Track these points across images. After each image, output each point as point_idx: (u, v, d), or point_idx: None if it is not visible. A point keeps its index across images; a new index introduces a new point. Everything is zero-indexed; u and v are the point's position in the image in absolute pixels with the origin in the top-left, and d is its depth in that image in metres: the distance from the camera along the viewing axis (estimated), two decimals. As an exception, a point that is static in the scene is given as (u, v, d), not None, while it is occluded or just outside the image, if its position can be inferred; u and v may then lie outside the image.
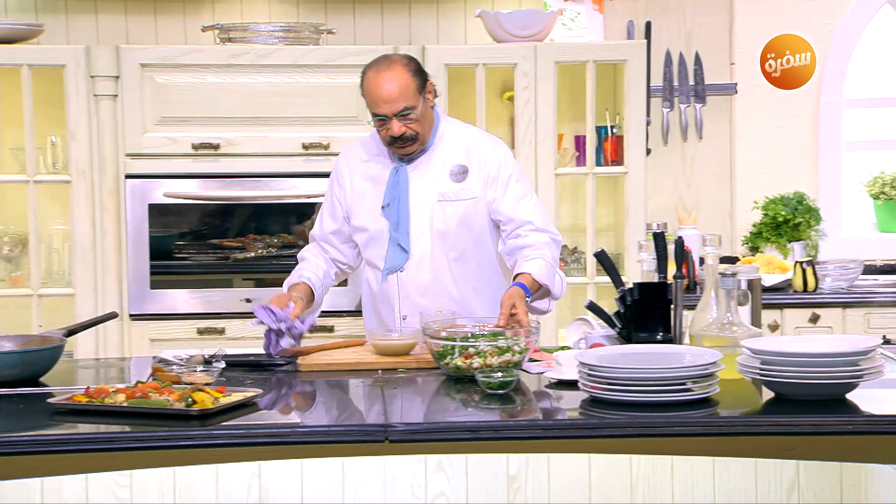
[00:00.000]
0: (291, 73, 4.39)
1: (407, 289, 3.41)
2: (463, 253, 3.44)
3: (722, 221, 5.09)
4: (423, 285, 3.41)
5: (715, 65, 5.04)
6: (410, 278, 3.41)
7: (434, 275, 3.41)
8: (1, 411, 2.65)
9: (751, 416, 2.51)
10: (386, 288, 3.44)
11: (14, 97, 4.39)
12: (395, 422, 2.48)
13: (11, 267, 4.59)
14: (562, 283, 3.38)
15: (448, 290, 3.43)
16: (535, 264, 3.28)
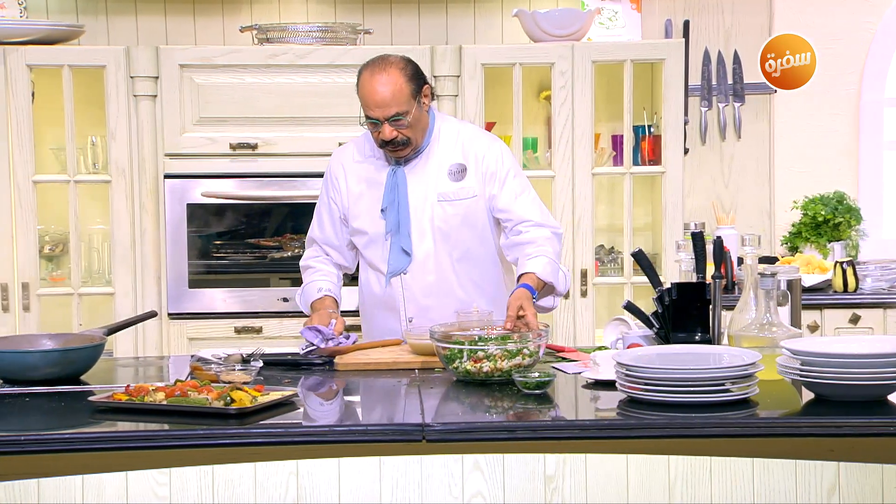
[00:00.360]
0: (329, 73, 4.41)
1: (412, 291, 3.39)
2: (466, 252, 3.42)
3: (760, 221, 5.05)
4: (428, 287, 3.39)
5: (754, 63, 5.00)
6: (415, 280, 3.39)
7: (438, 275, 3.40)
8: (42, 409, 2.67)
9: (791, 418, 2.50)
10: (389, 291, 3.41)
11: (55, 98, 4.44)
12: (432, 421, 2.48)
13: (52, 266, 4.63)
14: (565, 279, 3.35)
15: (453, 289, 3.42)
16: (539, 262, 3.25)
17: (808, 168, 5.06)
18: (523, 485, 2.61)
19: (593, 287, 4.56)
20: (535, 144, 4.76)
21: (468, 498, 2.65)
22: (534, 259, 3.27)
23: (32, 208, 4.36)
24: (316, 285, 3.43)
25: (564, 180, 4.51)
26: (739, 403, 2.52)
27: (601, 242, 4.86)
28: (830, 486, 2.62)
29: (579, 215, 4.51)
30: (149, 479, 2.60)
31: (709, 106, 5.03)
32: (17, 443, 2.39)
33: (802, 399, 2.61)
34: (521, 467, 2.64)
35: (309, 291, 3.45)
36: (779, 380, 2.68)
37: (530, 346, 2.83)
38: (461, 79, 4.45)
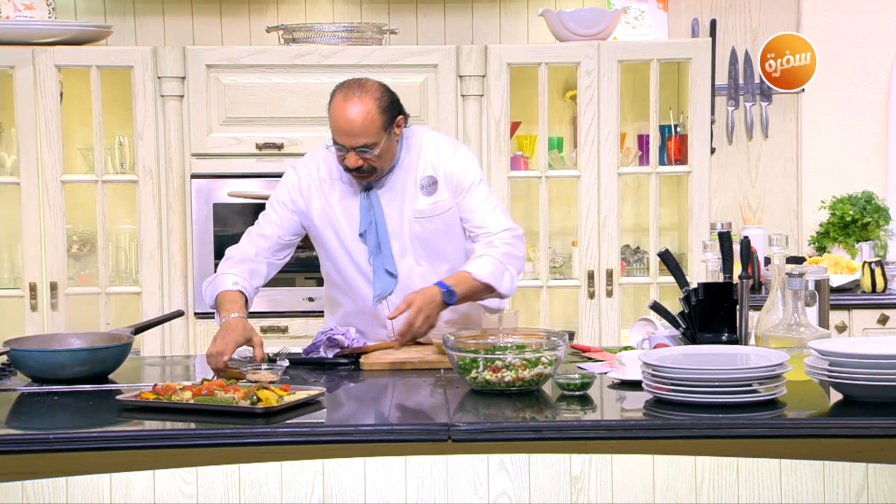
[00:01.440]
0: (354, 74, 4.35)
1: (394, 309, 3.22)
2: (451, 264, 3.31)
3: (788, 221, 5.02)
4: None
5: (781, 62, 4.98)
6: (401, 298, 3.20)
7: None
8: (70, 408, 2.69)
9: (819, 418, 2.48)
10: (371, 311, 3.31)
11: (83, 98, 4.47)
12: (457, 421, 2.48)
13: (80, 266, 4.66)
14: (511, 280, 3.23)
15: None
16: (481, 262, 3.18)
17: (836, 167, 5.03)
18: (549, 485, 2.61)
19: (619, 287, 4.55)
20: (560, 144, 4.75)
21: (494, 498, 2.65)
22: (477, 259, 3.21)
23: (60, 208, 4.39)
24: (231, 278, 3.21)
25: (590, 180, 4.50)
26: (767, 404, 2.51)
27: (627, 242, 4.84)
28: (859, 488, 2.61)
29: (605, 215, 4.50)
30: (176, 478, 2.62)
31: (735, 105, 5.00)
32: (46, 441, 2.40)
33: (830, 400, 2.60)
34: (547, 467, 2.64)
35: (221, 281, 3.20)
36: (807, 380, 2.67)
37: (548, 354, 2.74)
38: (487, 78, 4.44)
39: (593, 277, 4.53)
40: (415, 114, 4.37)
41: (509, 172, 4.51)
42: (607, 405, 2.69)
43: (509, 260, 3.23)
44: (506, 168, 4.49)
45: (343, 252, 3.30)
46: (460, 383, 2.84)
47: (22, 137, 4.37)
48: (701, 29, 4.94)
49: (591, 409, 2.62)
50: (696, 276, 4.31)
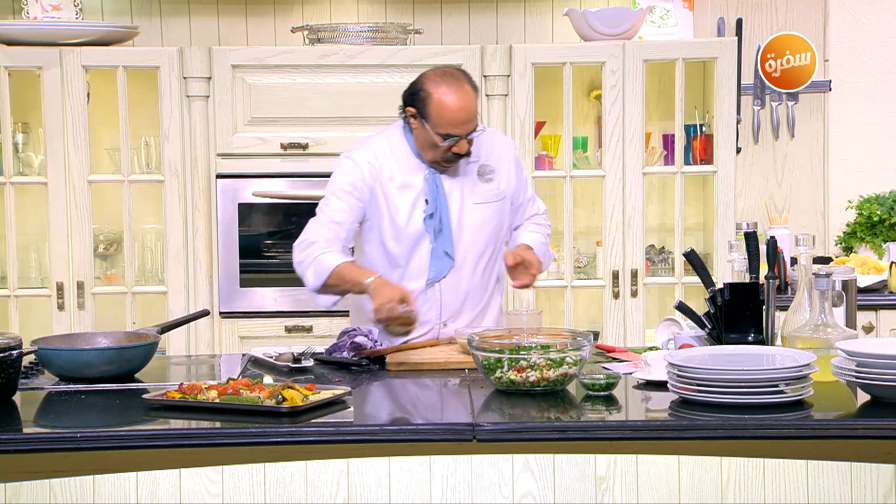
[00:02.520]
0: (379, 73, 4.42)
1: (448, 294, 3.37)
2: (493, 253, 3.43)
3: (814, 221, 4.99)
4: (464, 291, 3.38)
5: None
6: (451, 285, 3.36)
7: (475, 278, 3.39)
8: (97, 407, 2.71)
9: (846, 419, 2.47)
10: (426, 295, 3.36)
11: (110, 98, 4.49)
12: (482, 421, 2.48)
13: (107, 265, 4.69)
14: (549, 260, 3.57)
15: (486, 291, 3.44)
16: (536, 238, 3.48)
17: (863, 167, 4.99)
18: (574, 485, 2.61)
19: (644, 287, 4.54)
20: (584, 144, 4.74)
21: (518, 498, 2.64)
22: (531, 234, 3.50)
23: (87, 208, 4.42)
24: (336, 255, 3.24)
25: (615, 180, 4.49)
26: (794, 405, 2.50)
27: (652, 242, 4.83)
28: (886, 489, 2.59)
29: (630, 215, 4.49)
30: (202, 477, 2.63)
31: (762, 105, 4.98)
32: (74, 440, 2.42)
33: (858, 401, 2.58)
34: (572, 468, 2.63)
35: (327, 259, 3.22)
36: (834, 381, 2.65)
37: (573, 354, 2.74)
38: (511, 78, 4.44)
39: (618, 277, 4.52)
40: (439, 114, 4.38)
41: (534, 172, 4.50)
42: (632, 405, 2.68)
43: (547, 239, 3.58)
44: (530, 168, 4.48)
45: (401, 236, 3.34)
46: (485, 383, 2.84)
47: (49, 137, 4.40)
48: (727, 28, 4.92)
49: (616, 409, 2.62)
50: (722, 276, 4.29)
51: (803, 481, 2.57)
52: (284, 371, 3.08)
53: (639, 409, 2.68)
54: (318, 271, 3.24)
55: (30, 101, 4.54)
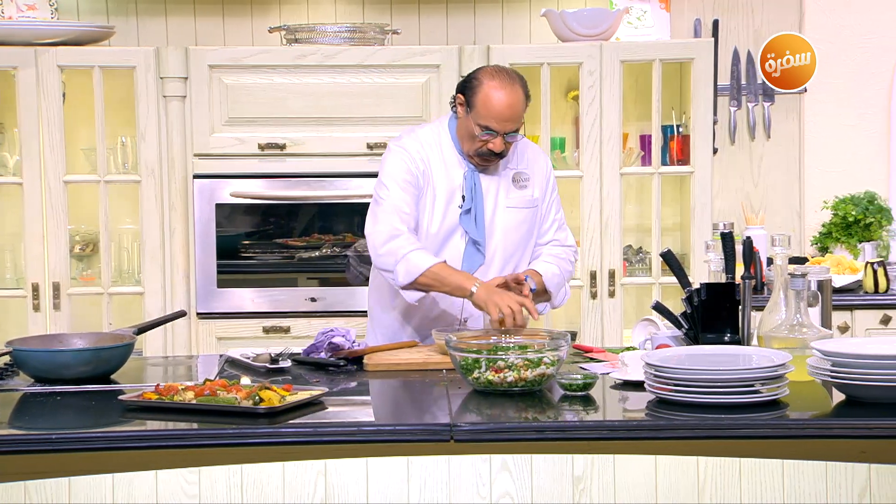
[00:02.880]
0: (357, 74, 4.42)
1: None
2: (520, 258, 3.46)
3: (790, 221, 5.02)
4: None
5: (783, 63, 4.97)
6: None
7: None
8: (73, 408, 2.69)
9: (821, 419, 2.48)
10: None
11: (86, 98, 4.47)
12: (460, 421, 2.49)
13: (83, 266, 4.67)
14: (564, 296, 3.49)
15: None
16: (549, 269, 3.40)
17: (839, 168, 5.02)
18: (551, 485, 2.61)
19: (621, 287, 4.55)
20: (562, 144, 4.75)
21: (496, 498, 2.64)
22: (547, 264, 3.42)
23: (63, 208, 4.39)
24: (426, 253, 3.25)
25: (592, 180, 4.50)
26: (769, 405, 2.51)
27: (629, 242, 4.84)
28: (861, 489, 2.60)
29: (607, 215, 4.50)
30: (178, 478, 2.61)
31: (738, 105, 5.00)
32: (49, 441, 2.41)
33: (833, 400, 2.60)
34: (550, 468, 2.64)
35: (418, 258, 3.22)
36: (809, 381, 2.66)
37: (550, 354, 2.75)
38: (489, 79, 4.44)
39: (595, 278, 4.53)
40: (417, 114, 4.39)
41: (512, 173, 4.51)
42: (610, 406, 2.69)
43: (567, 277, 3.50)
44: (508, 168, 4.49)
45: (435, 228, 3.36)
46: (463, 384, 2.84)
47: (25, 138, 4.37)
48: (703, 29, 4.94)
49: (594, 409, 2.63)
50: (699, 276, 4.31)
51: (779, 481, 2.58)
52: (261, 372, 3.08)
53: (616, 410, 2.69)
54: (410, 270, 3.23)
55: (5, 101, 4.52)
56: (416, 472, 2.64)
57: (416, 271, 3.22)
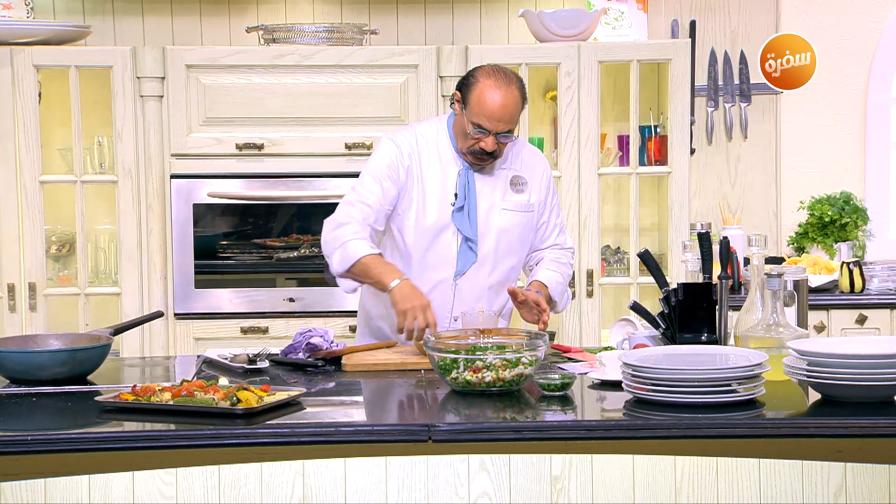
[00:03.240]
0: (335, 74, 4.41)
1: (463, 291, 3.39)
2: (514, 261, 3.47)
3: (767, 222, 5.05)
4: (481, 288, 3.40)
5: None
6: (468, 282, 3.39)
7: (491, 279, 3.42)
8: (49, 409, 2.68)
9: (797, 418, 2.49)
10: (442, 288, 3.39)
11: (62, 98, 4.45)
12: (438, 421, 2.48)
13: (59, 266, 4.64)
14: (566, 301, 3.53)
15: (497, 295, 3.45)
16: (552, 278, 3.43)
17: (815, 168, 5.05)
18: (529, 485, 2.61)
19: (599, 287, 4.56)
20: (541, 144, 4.75)
21: (474, 498, 2.65)
22: (550, 272, 3.45)
23: (39, 208, 4.37)
24: (364, 243, 3.23)
25: (570, 180, 4.51)
26: (746, 404, 2.52)
27: (607, 243, 4.85)
28: (837, 487, 2.62)
29: (585, 215, 4.51)
30: (155, 479, 2.61)
31: (715, 106, 5.02)
32: (24, 442, 2.39)
33: (809, 400, 2.61)
34: (528, 468, 2.64)
35: (356, 247, 3.22)
36: (785, 380, 2.68)
37: (528, 354, 2.75)
38: (467, 79, 4.44)
39: (574, 278, 4.54)
40: (395, 114, 4.39)
41: (490, 173, 4.51)
42: (587, 405, 2.70)
43: (568, 280, 3.53)
44: (486, 168, 4.49)
45: (426, 224, 3.36)
46: (441, 384, 2.84)
47: (0, 138, 4.35)
48: (680, 30, 4.96)
49: (572, 409, 2.63)
50: (676, 276, 4.32)
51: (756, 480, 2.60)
52: (239, 372, 3.07)
53: (594, 409, 2.69)
54: (344, 257, 3.24)
55: (-20, 100, 4.49)
56: (395, 473, 2.64)
57: (349, 260, 3.22)
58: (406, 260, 3.40)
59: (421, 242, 3.38)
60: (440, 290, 3.38)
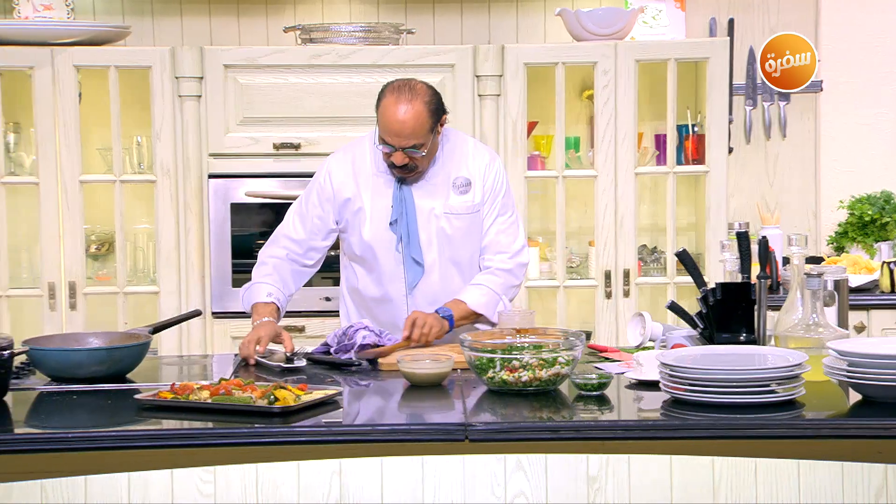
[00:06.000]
0: (371, 73, 4.42)
1: (416, 299, 3.39)
2: (468, 262, 3.45)
3: (806, 221, 5.01)
4: (434, 295, 3.39)
5: (799, 62, 4.96)
6: (422, 291, 3.39)
7: (443, 285, 3.41)
8: (89, 407, 2.70)
9: (837, 419, 2.47)
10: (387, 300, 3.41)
11: (102, 98, 4.48)
12: (474, 421, 2.48)
13: (98, 265, 4.68)
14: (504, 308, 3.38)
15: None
16: (475, 292, 3.35)
17: (855, 167, 5.01)
18: (566, 485, 2.60)
19: (636, 287, 4.54)
20: (577, 144, 4.74)
21: (511, 498, 2.64)
22: (473, 287, 3.37)
23: (79, 208, 4.41)
24: (266, 288, 3.36)
25: (607, 180, 4.49)
26: (785, 405, 2.50)
27: (644, 242, 4.83)
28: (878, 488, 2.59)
29: (622, 215, 4.49)
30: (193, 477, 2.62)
31: (753, 105, 4.99)
32: (65, 440, 2.42)
33: (849, 400, 2.59)
34: (564, 468, 2.63)
35: (256, 291, 3.38)
36: (825, 381, 2.66)
37: (565, 354, 2.75)
38: (503, 78, 4.44)
39: (610, 277, 4.52)
40: (432, 114, 4.38)
41: (526, 172, 4.51)
42: (624, 405, 2.69)
43: (505, 290, 3.41)
44: (522, 168, 4.49)
45: (369, 239, 3.37)
46: (478, 383, 2.84)
47: (41, 138, 4.39)
48: (718, 28, 4.93)
49: (609, 409, 2.62)
50: (714, 276, 4.30)
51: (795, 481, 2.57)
52: (276, 371, 3.08)
53: (631, 409, 2.68)
54: (248, 299, 3.41)
55: (21, 100, 4.53)
56: (431, 472, 2.64)
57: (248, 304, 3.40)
58: (359, 275, 3.45)
59: (367, 259, 3.40)
60: (395, 304, 3.40)
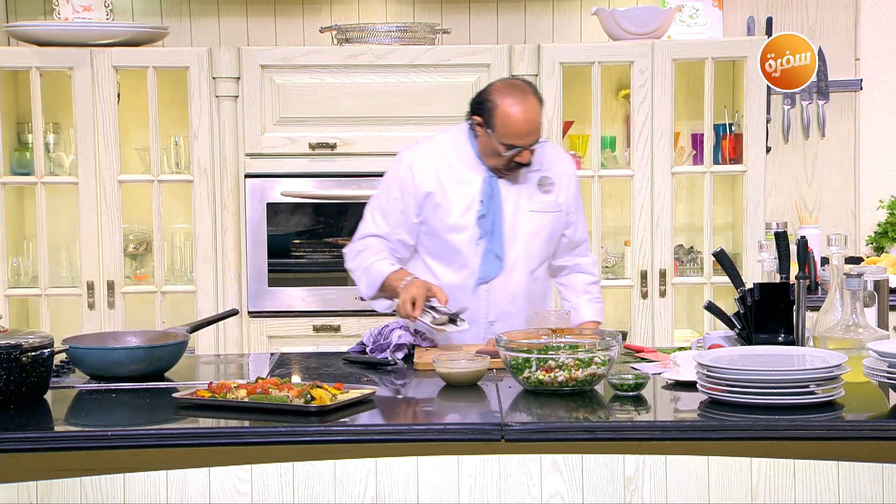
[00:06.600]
0: (407, 73, 4.42)
1: (497, 296, 3.40)
2: (543, 262, 3.48)
3: (844, 221, 4.96)
4: (513, 293, 3.40)
5: (839, 61, 4.92)
6: (501, 286, 3.39)
7: (523, 283, 3.41)
8: (128, 405, 2.72)
9: (877, 420, 2.45)
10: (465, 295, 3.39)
11: (140, 98, 4.52)
12: (510, 421, 2.48)
13: (136, 264, 4.72)
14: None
15: (533, 297, 3.45)
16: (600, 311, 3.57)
17: (895, 166, 4.95)
18: (602, 485, 2.60)
19: (672, 287, 4.52)
20: (613, 143, 4.72)
21: (547, 498, 2.64)
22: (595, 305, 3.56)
23: (118, 207, 4.44)
24: (381, 263, 3.33)
25: (643, 179, 4.48)
26: (824, 406, 2.48)
27: (680, 242, 4.81)
28: (918, 492, 2.56)
29: (658, 214, 4.47)
30: (231, 476, 2.63)
31: (792, 104, 4.95)
32: (105, 438, 2.43)
33: (889, 402, 2.56)
34: (600, 468, 2.63)
35: (375, 270, 3.33)
36: (865, 382, 2.63)
37: (601, 354, 2.75)
38: (540, 77, 4.43)
39: (646, 277, 4.50)
40: (467, 113, 4.38)
41: (562, 172, 4.49)
42: (661, 406, 2.67)
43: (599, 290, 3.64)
44: (558, 167, 4.47)
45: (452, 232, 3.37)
46: (513, 383, 2.84)
47: (80, 138, 4.43)
48: (756, 26, 4.90)
49: (645, 409, 2.61)
50: (751, 276, 4.27)
51: (834, 482, 2.55)
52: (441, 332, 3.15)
53: (668, 410, 2.67)
54: (370, 283, 3.36)
55: (61, 101, 4.58)
56: (467, 472, 2.64)
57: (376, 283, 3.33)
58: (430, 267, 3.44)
59: (450, 250, 3.40)
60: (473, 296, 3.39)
